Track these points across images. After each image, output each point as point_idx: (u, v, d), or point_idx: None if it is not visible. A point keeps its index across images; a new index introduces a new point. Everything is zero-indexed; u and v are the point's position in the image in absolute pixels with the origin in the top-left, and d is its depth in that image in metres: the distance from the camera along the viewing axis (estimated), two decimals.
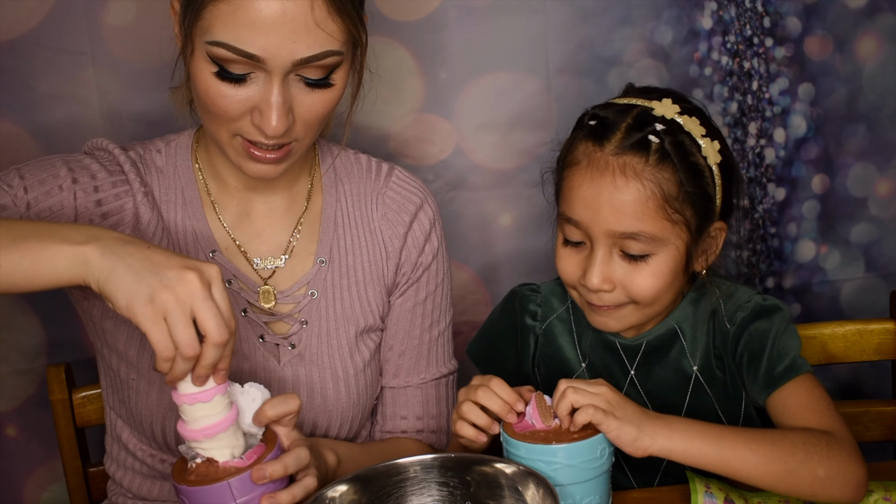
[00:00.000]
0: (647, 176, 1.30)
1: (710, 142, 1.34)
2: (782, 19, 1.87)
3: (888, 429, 1.62)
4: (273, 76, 1.25)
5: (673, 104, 1.35)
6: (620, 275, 1.33)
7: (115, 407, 1.46)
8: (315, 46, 1.24)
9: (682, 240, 1.33)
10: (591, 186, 1.31)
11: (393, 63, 1.82)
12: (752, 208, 1.93)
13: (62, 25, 1.73)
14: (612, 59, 1.85)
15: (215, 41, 1.23)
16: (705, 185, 1.34)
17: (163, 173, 1.42)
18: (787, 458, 1.23)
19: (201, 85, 1.27)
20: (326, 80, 1.28)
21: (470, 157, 1.87)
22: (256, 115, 1.27)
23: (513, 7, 1.81)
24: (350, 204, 1.47)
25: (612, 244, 1.32)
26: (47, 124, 1.76)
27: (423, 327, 1.50)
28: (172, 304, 1.08)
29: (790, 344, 1.36)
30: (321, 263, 1.44)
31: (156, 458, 1.44)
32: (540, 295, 1.50)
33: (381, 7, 1.80)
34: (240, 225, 1.43)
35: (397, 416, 1.51)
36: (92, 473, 1.65)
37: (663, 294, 1.35)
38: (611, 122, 1.33)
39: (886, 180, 1.95)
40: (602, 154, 1.31)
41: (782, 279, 1.97)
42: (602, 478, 1.24)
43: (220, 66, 1.25)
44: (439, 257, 1.51)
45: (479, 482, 1.22)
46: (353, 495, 1.20)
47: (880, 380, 1.91)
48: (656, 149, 1.30)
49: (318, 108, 1.30)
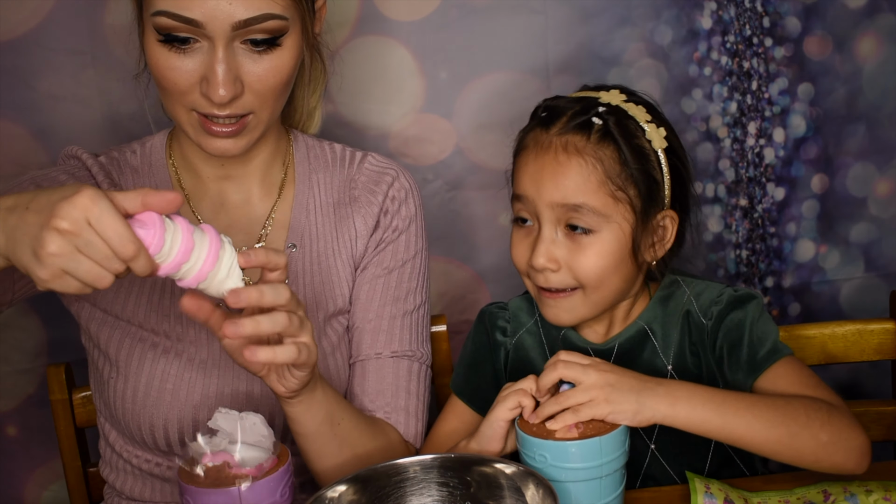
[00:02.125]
0: (589, 152, 1.33)
1: (654, 127, 1.37)
2: (782, 19, 1.87)
3: (888, 429, 1.62)
4: (216, 42, 1.26)
5: (620, 94, 1.39)
6: (565, 253, 1.34)
7: (102, 410, 1.47)
8: (252, 8, 1.26)
9: (628, 221, 1.34)
10: (536, 163, 1.35)
11: (393, 63, 1.82)
12: (751, 208, 1.94)
13: (62, 25, 1.73)
14: (612, 59, 1.85)
15: (157, 10, 1.26)
16: (650, 169, 1.35)
17: (137, 172, 1.44)
18: (790, 422, 1.23)
19: (152, 60, 1.30)
20: (273, 41, 1.29)
21: (470, 157, 1.87)
22: (204, 84, 1.29)
23: (513, 7, 1.82)
24: (323, 192, 1.48)
25: (557, 220, 1.34)
26: (47, 124, 1.76)
27: (385, 300, 1.47)
28: (62, 258, 1.03)
29: (768, 329, 1.36)
30: (291, 248, 1.44)
31: (141, 458, 1.45)
32: (507, 311, 1.50)
33: (381, 7, 1.80)
34: (215, 216, 1.44)
35: (362, 392, 1.46)
36: (92, 473, 1.65)
37: (608, 277, 1.35)
38: (559, 109, 1.37)
39: (886, 180, 1.95)
40: (547, 135, 1.36)
41: (782, 279, 1.97)
42: (617, 473, 1.23)
43: (164, 35, 1.27)
44: (410, 233, 1.50)
45: (479, 482, 1.22)
46: (352, 495, 1.20)
47: (880, 380, 1.91)
48: (598, 129, 1.34)
49: (268, 76, 1.30)
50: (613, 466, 1.22)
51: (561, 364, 1.25)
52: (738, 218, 1.94)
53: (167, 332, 1.41)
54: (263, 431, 1.19)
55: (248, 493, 1.14)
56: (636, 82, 1.84)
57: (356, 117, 1.84)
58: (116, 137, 1.75)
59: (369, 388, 1.46)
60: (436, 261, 1.90)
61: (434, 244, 1.88)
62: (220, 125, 1.31)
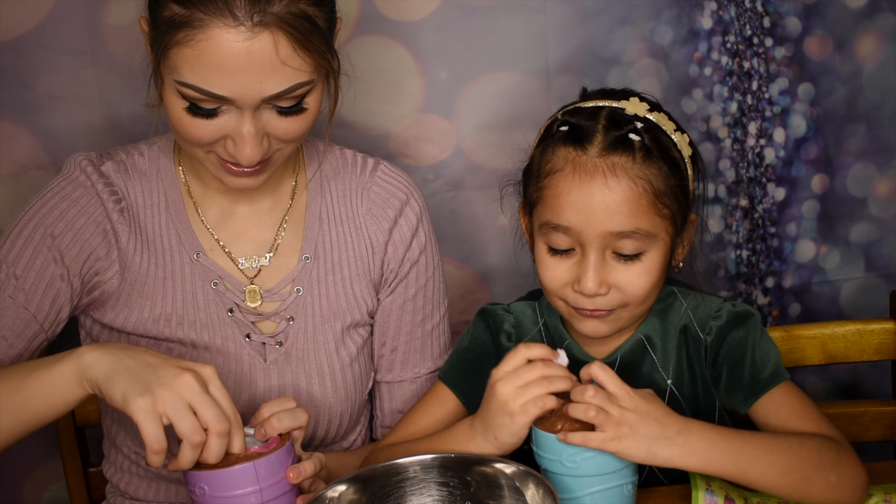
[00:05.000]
0: (637, 173, 1.29)
1: (681, 135, 1.36)
2: (782, 19, 1.87)
3: (888, 429, 1.62)
4: (244, 110, 1.25)
5: (640, 102, 1.36)
6: (615, 276, 1.31)
7: (110, 411, 1.47)
8: (283, 82, 1.24)
9: (669, 234, 1.34)
10: (582, 191, 1.30)
11: (393, 63, 1.82)
12: (751, 208, 1.93)
13: (62, 25, 1.73)
14: (612, 59, 1.85)
15: (183, 82, 1.24)
16: (685, 178, 1.35)
17: (145, 176, 1.43)
18: (804, 465, 1.23)
19: (173, 116, 1.28)
20: (299, 105, 1.28)
21: (470, 157, 1.87)
22: (230, 143, 1.28)
23: (513, 7, 1.81)
24: (335, 200, 1.47)
25: (605, 246, 1.31)
26: (47, 124, 1.76)
27: (415, 323, 1.50)
28: (170, 398, 1.12)
29: (769, 350, 1.36)
30: (306, 260, 1.44)
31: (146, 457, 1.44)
32: (512, 315, 1.48)
33: (381, 7, 1.80)
34: (223, 225, 1.44)
35: (395, 410, 1.51)
36: (92, 473, 1.65)
37: (653, 291, 1.35)
38: (585, 125, 1.33)
39: (886, 180, 1.95)
40: (587, 157, 1.30)
41: (782, 279, 1.97)
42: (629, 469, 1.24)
43: (190, 102, 1.25)
44: (427, 252, 1.51)
45: (479, 482, 1.22)
46: (352, 495, 1.20)
47: (880, 380, 1.91)
48: (640, 146, 1.30)
49: (294, 129, 1.30)
50: None
51: (591, 390, 1.21)
52: (738, 218, 1.94)
53: (181, 338, 1.41)
54: None
55: (262, 468, 1.16)
56: (636, 82, 1.84)
57: (356, 117, 1.84)
58: (116, 137, 1.75)
59: (396, 407, 1.52)
60: None
61: None
62: (243, 166, 1.31)
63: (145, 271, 1.39)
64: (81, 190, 1.39)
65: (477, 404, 1.35)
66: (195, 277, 1.40)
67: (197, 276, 1.40)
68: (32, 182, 1.73)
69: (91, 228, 1.38)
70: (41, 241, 1.35)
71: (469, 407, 1.43)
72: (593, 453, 1.20)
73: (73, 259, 1.36)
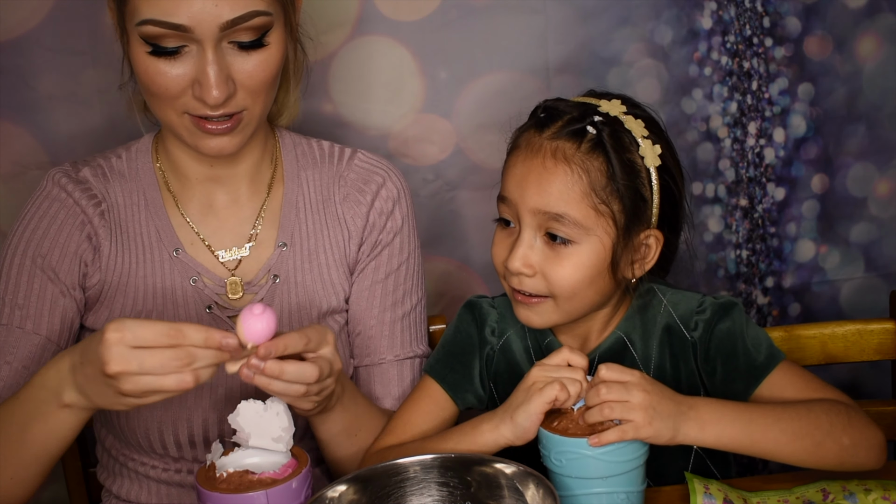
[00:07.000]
0: (576, 161, 1.31)
1: (650, 143, 1.34)
2: (782, 19, 1.87)
3: (888, 429, 1.62)
4: (205, 45, 1.27)
5: (621, 105, 1.36)
6: (541, 260, 1.33)
7: (98, 416, 1.48)
8: (238, 8, 1.26)
9: (609, 235, 1.32)
10: (523, 165, 1.34)
11: (393, 63, 1.82)
12: (751, 208, 1.94)
13: (62, 25, 1.73)
14: (612, 59, 1.85)
15: (143, 20, 1.26)
16: (639, 185, 1.33)
17: (124, 177, 1.44)
18: (814, 430, 1.24)
19: (140, 68, 1.30)
20: (260, 41, 1.30)
21: (470, 157, 1.87)
22: (197, 87, 1.29)
23: (513, 7, 1.82)
24: (312, 189, 1.48)
25: (538, 227, 1.33)
26: (47, 124, 1.76)
27: (384, 306, 1.49)
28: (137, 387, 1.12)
29: (759, 335, 1.36)
30: (282, 247, 1.45)
31: (137, 461, 1.45)
32: (496, 310, 1.49)
33: (381, 7, 1.80)
34: (203, 218, 1.45)
35: (371, 395, 1.50)
36: (92, 474, 1.65)
37: (583, 290, 1.34)
38: (557, 112, 1.35)
39: (886, 180, 1.95)
40: (539, 138, 1.34)
41: (782, 279, 1.97)
42: (638, 470, 1.24)
43: (153, 45, 1.28)
44: (403, 235, 1.50)
45: (479, 482, 1.22)
46: (353, 495, 1.20)
47: (880, 380, 1.91)
48: (591, 138, 1.32)
49: (258, 72, 1.31)
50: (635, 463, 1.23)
51: (603, 388, 1.22)
52: (738, 218, 1.94)
53: None
54: (285, 423, 1.19)
55: (273, 498, 1.14)
56: (636, 82, 1.85)
57: (356, 117, 1.84)
58: (116, 137, 1.75)
59: (376, 391, 1.49)
60: (435, 261, 1.90)
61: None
62: (215, 123, 1.32)
63: (127, 271, 1.41)
64: (58, 204, 1.41)
65: (463, 397, 1.38)
66: (174, 275, 1.42)
67: (176, 274, 1.42)
68: (32, 182, 1.73)
69: (76, 238, 1.40)
70: (33, 265, 1.38)
71: (456, 400, 1.43)
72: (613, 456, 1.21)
73: (66, 273, 1.39)
